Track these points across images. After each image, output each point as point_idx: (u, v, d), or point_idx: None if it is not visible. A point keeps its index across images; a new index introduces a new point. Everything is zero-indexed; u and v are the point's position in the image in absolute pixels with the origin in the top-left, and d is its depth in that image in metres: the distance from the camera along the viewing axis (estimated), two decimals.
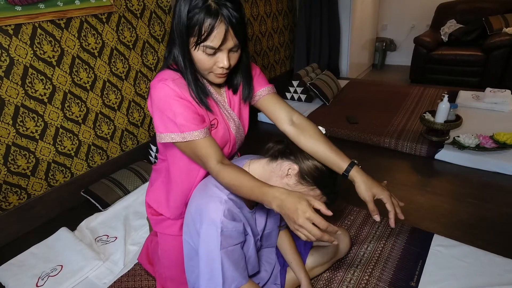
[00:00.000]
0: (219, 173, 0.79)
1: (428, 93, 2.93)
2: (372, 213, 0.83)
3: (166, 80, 0.80)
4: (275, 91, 1.00)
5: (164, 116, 0.80)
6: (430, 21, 3.93)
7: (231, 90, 0.94)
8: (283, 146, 0.92)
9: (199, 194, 0.90)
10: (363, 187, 0.84)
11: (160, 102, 0.80)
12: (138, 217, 1.66)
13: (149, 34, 2.10)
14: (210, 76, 0.83)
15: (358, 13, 3.56)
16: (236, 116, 0.95)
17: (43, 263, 1.40)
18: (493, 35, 3.22)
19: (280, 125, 0.96)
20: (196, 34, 0.73)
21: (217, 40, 0.73)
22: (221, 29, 0.72)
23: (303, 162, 0.86)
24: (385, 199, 0.84)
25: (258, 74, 0.98)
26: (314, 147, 0.88)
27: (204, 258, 0.82)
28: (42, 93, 1.65)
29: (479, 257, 1.25)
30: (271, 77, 3.45)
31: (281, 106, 0.96)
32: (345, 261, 1.30)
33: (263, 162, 0.91)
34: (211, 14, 0.71)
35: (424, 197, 1.71)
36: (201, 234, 0.82)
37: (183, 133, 0.79)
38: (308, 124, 0.93)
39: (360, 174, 0.85)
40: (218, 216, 0.80)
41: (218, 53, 0.77)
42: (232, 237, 0.83)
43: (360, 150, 2.24)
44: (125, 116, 2.10)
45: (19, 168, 1.64)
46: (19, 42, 1.52)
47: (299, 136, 0.91)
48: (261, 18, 3.08)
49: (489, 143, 1.88)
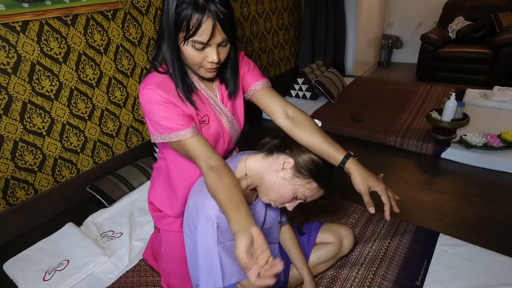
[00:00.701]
0: (205, 175, 0.79)
1: (434, 91, 2.90)
2: (367, 205, 0.84)
3: (150, 85, 0.82)
4: (270, 85, 0.98)
5: (151, 119, 0.84)
6: (438, 18, 3.88)
7: (223, 85, 0.93)
8: (279, 141, 0.91)
9: (196, 191, 0.90)
10: (359, 179, 0.84)
11: (146, 106, 0.83)
12: (143, 213, 1.68)
13: (154, 31, 2.10)
14: (201, 71, 0.83)
15: (364, 10, 3.53)
16: (229, 112, 0.95)
17: (50, 258, 1.42)
18: (502, 32, 3.17)
19: (276, 119, 0.95)
20: (185, 29, 0.74)
21: (205, 35, 0.74)
22: (208, 24, 0.72)
23: (299, 155, 0.86)
24: (380, 191, 0.84)
25: (252, 68, 0.97)
26: (309, 139, 0.87)
27: (202, 254, 0.83)
28: (49, 90, 1.67)
29: (484, 257, 1.24)
30: (276, 74, 3.43)
31: (275, 100, 0.95)
32: (349, 259, 1.29)
33: (259, 157, 0.91)
34: (199, 9, 0.71)
35: (429, 196, 1.70)
36: (198, 230, 0.83)
37: (169, 134, 0.82)
38: (303, 117, 0.92)
39: (356, 166, 0.85)
40: (214, 211, 0.81)
41: (207, 48, 0.77)
42: (229, 232, 0.82)
43: (365, 148, 2.22)
44: (130, 113, 2.11)
45: (26, 164, 1.66)
46: (26, 39, 1.53)
47: (295, 130, 0.90)
48: (266, 15, 3.06)
49: (497, 142, 1.86)
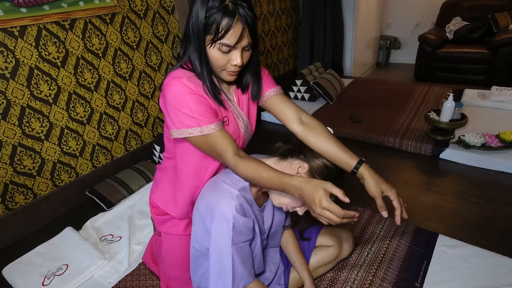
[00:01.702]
0: (237, 165, 0.81)
1: (433, 91, 2.90)
2: (380, 209, 0.86)
3: (181, 78, 0.82)
4: (282, 92, 1.02)
5: (180, 112, 0.82)
6: (435, 18, 3.90)
7: (240, 89, 0.96)
8: (293, 145, 0.93)
9: (209, 191, 0.90)
10: (372, 183, 0.86)
11: (175, 98, 0.82)
12: (142, 216, 1.68)
13: (152, 34, 2.11)
14: (223, 74, 0.86)
15: (362, 11, 3.54)
16: (245, 115, 0.97)
17: (49, 262, 1.42)
18: (500, 32, 3.17)
19: (289, 125, 0.97)
20: (213, 32, 0.76)
21: (233, 38, 0.77)
22: (238, 27, 0.76)
23: (313, 160, 0.88)
24: (392, 196, 0.87)
25: (266, 75, 1.01)
26: (323, 145, 0.90)
27: (215, 254, 0.83)
28: (47, 94, 1.67)
29: (485, 258, 1.24)
30: (275, 76, 3.44)
31: (289, 106, 0.99)
32: (349, 261, 1.29)
33: (272, 160, 0.92)
34: (229, 14, 0.74)
35: (429, 196, 1.70)
36: (212, 230, 0.82)
37: (201, 127, 0.82)
38: (316, 123, 0.96)
39: (369, 171, 0.88)
40: (230, 211, 0.81)
41: (232, 51, 0.80)
42: (242, 233, 0.83)
43: (364, 149, 2.22)
44: (129, 116, 2.11)
45: (25, 168, 1.66)
46: (25, 44, 1.53)
47: (308, 135, 0.93)
48: (264, 17, 3.07)
49: (495, 142, 1.86)
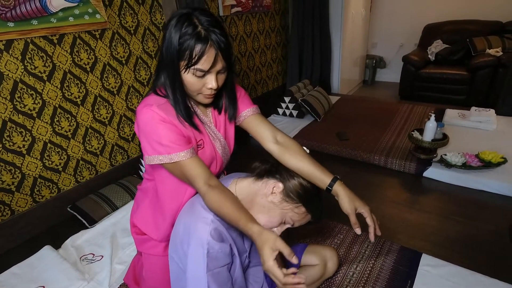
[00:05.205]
0: (205, 196, 0.81)
1: (416, 110, 3.00)
2: (353, 225, 0.87)
3: (152, 106, 0.83)
4: (259, 111, 1.04)
5: (151, 139, 0.83)
6: (418, 40, 4.07)
7: (217, 110, 0.97)
8: (269, 165, 0.93)
9: (187, 214, 0.90)
10: (346, 200, 0.89)
11: (146, 126, 0.83)
12: (126, 234, 1.63)
13: (142, 50, 2.12)
14: (199, 97, 0.86)
15: (349, 31, 3.67)
16: (222, 136, 0.98)
17: (24, 284, 1.35)
18: (478, 55, 3.34)
19: (265, 144, 0.99)
20: (187, 58, 0.77)
21: (207, 64, 0.77)
22: (211, 53, 0.76)
23: (289, 180, 0.88)
24: (365, 213, 0.89)
25: (243, 95, 1.02)
26: (298, 163, 0.91)
27: (191, 280, 0.82)
28: (31, 108, 1.64)
29: (466, 277, 1.26)
30: (264, 92, 3.49)
31: (265, 125, 1.00)
32: (334, 281, 1.29)
33: (249, 181, 0.92)
34: (202, 40, 0.75)
35: (413, 214, 1.73)
36: (188, 256, 0.82)
37: (170, 155, 0.82)
38: (292, 142, 0.98)
39: (343, 188, 0.90)
40: (205, 237, 0.80)
41: (207, 75, 0.81)
42: (218, 259, 0.82)
43: (351, 166, 2.25)
44: (115, 131, 2.09)
45: (3, 183, 1.61)
46: (10, 57, 1.51)
47: (284, 154, 0.94)
48: (254, 35, 3.14)
49: (475, 162, 1.92)
